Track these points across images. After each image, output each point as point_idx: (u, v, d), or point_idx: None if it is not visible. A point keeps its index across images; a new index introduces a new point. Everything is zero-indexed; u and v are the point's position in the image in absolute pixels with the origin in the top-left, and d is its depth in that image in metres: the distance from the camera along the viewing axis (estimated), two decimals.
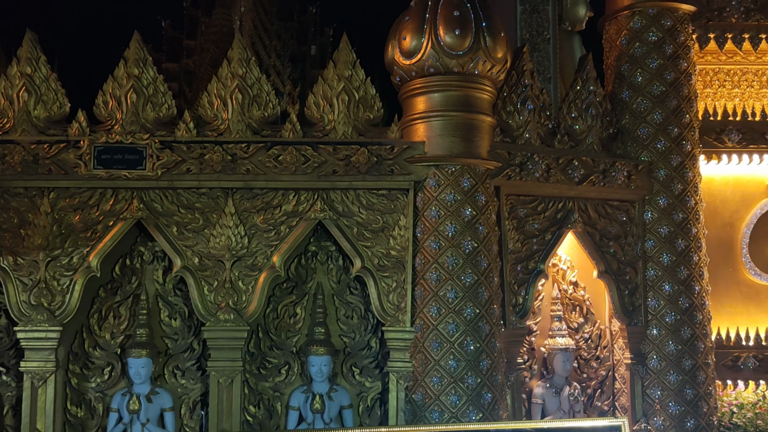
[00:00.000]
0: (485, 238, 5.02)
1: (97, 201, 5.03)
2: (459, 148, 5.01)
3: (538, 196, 5.44)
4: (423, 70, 4.97)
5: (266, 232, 5.06)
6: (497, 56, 4.97)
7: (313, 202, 5.08)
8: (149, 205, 5.03)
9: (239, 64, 5.14)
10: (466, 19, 4.85)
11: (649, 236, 5.70)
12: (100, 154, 4.96)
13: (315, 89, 5.25)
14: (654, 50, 5.76)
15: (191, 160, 4.99)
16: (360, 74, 5.23)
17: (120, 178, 4.98)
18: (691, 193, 5.73)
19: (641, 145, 5.75)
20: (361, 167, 5.05)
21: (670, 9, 5.80)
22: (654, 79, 5.74)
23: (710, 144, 6.10)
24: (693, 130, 5.82)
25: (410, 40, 4.93)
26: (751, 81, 6.36)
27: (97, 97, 5.08)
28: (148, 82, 5.10)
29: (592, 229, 5.59)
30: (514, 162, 5.28)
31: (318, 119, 5.20)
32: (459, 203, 4.98)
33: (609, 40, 6.09)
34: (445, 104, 5.01)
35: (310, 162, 5.04)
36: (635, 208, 5.73)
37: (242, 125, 5.09)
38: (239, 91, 5.10)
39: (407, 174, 5.07)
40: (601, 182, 5.54)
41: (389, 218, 5.10)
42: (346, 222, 5.10)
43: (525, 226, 5.41)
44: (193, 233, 5.05)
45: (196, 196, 5.06)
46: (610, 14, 6.03)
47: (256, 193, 5.08)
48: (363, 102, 5.21)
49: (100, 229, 5.01)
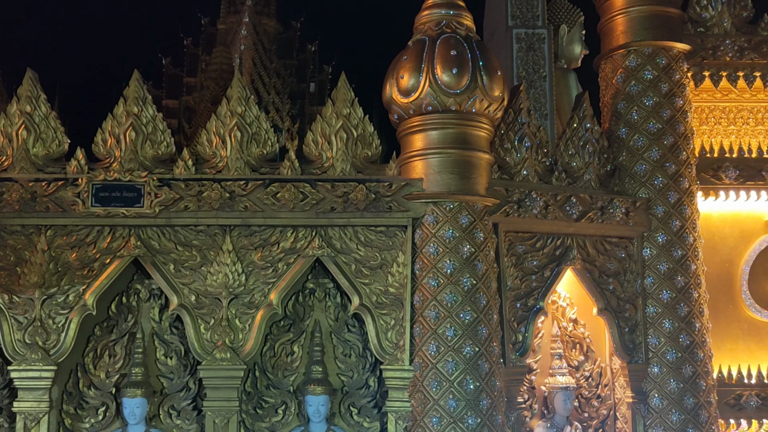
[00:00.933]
0: (484, 275, 5.00)
1: (94, 239, 5.02)
2: (457, 185, 5.01)
3: (537, 233, 5.43)
4: (421, 109, 5.01)
5: (264, 269, 5.04)
6: (494, 95, 5.01)
7: (311, 239, 5.07)
8: (146, 243, 5.02)
9: (238, 103, 5.17)
10: (463, 59, 4.90)
11: (648, 273, 5.68)
12: (98, 191, 4.97)
13: (313, 127, 5.28)
14: (650, 88, 5.81)
15: (189, 197, 4.99)
16: (358, 112, 5.26)
17: (118, 215, 4.97)
18: (690, 229, 5.73)
19: (639, 182, 5.77)
20: (359, 204, 5.05)
21: (664, 48, 5.87)
22: (650, 116, 5.78)
23: (707, 181, 6.11)
24: (690, 167, 5.85)
25: (408, 79, 4.98)
26: (747, 118, 6.40)
27: (96, 135, 5.11)
28: (147, 120, 5.12)
29: (591, 265, 5.57)
30: (512, 199, 5.29)
31: (316, 156, 5.22)
32: (457, 240, 4.96)
33: (605, 78, 6.15)
34: (443, 142, 5.03)
35: (309, 199, 5.04)
36: (634, 244, 5.73)
37: (241, 163, 5.11)
38: (238, 129, 5.13)
39: (405, 211, 5.07)
40: (599, 219, 5.54)
41: (387, 255, 5.09)
42: (344, 259, 5.08)
43: (524, 263, 5.39)
44: (190, 271, 5.02)
45: (193, 233, 5.05)
46: (606, 53, 6.10)
47: (254, 230, 5.07)
48: (361, 139, 5.24)
49: (96, 266, 4.99)
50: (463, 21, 5.14)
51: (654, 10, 5.88)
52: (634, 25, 5.90)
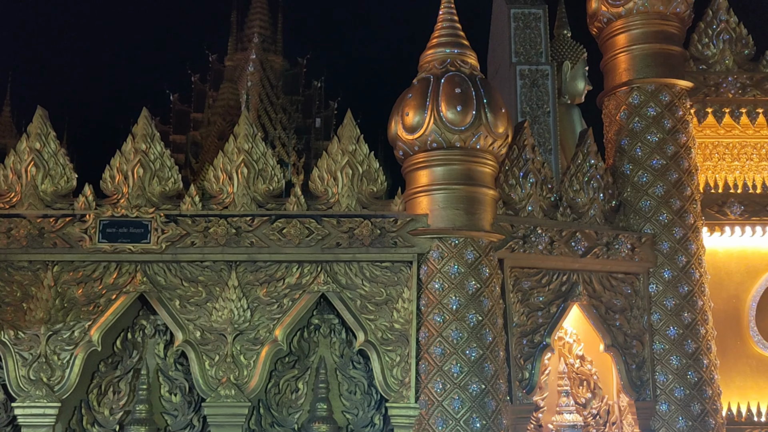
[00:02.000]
0: (490, 311, 4.98)
1: (100, 274, 5.04)
2: (462, 220, 5.03)
3: (542, 268, 5.43)
4: (426, 145, 5.05)
5: (269, 305, 5.04)
6: (498, 131, 5.05)
7: (316, 274, 5.08)
8: (152, 279, 5.03)
9: (245, 140, 5.23)
10: (467, 96, 4.96)
11: (654, 309, 5.65)
12: (105, 227, 5.00)
13: (319, 163, 5.32)
14: (653, 125, 5.85)
15: (196, 233, 5.02)
16: (364, 149, 5.31)
17: (124, 251, 4.99)
18: (696, 265, 5.71)
19: (644, 218, 5.77)
20: (364, 240, 5.07)
21: (667, 85, 5.93)
22: (654, 152, 5.81)
23: (713, 216, 6.11)
24: (695, 203, 5.86)
25: (413, 116, 5.03)
26: (750, 154, 6.42)
27: (104, 171, 5.16)
28: (155, 156, 5.18)
29: (598, 301, 5.55)
30: (517, 234, 5.30)
31: (322, 192, 5.25)
32: (463, 276, 4.96)
33: (608, 114, 6.20)
34: (448, 178, 5.06)
35: (314, 234, 5.06)
36: (640, 280, 5.71)
37: (247, 199, 5.14)
38: (245, 166, 5.18)
39: (411, 246, 5.08)
40: (605, 255, 5.53)
41: (393, 291, 5.08)
42: (350, 294, 5.08)
43: (530, 299, 5.37)
44: (196, 306, 5.02)
45: (199, 269, 5.06)
46: (609, 90, 6.16)
47: (259, 266, 5.08)
48: (366, 175, 5.27)
49: (102, 302, 5.00)
50: (467, 59, 5.21)
51: (656, 48, 5.95)
52: (636, 62, 5.96)
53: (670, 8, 5.90)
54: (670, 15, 5.94)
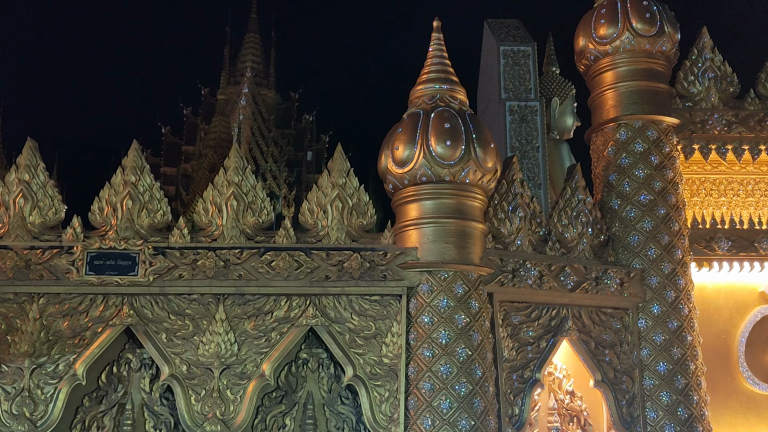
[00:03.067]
0: (479, 345, 4.96)
1: (86, 307, 4.99)
2: (451, 254, 5.03)
3: (532, 303, 5.42)
4: (415, 179, 5.08)
5: (256, 338, 5.00)
6: (487, 166, 5.09)
7: (305, 308, 5.05)
8: (139, 312, 4.99)
9: (235, 172, 5.24)
10: (456, 131, 5.01)
11: (644, 344, 5.64)
12: (92, 259, 4.97)
13: (309, 196, 5.33)
14: (641, 160, 5.91)
15: (184, 265, 4.99)
16: (353, 182, 5.33)
17: (111, 284, 4.96)
18: (685, 300, 5.72)
19: (632, 253, 5.79)
20: (354, 273, 5.05)
21: (654, 121, 6.00)
22: (642, 188, 5.86)
23: (701, 252, 6.14)
24: (683, 238, 5.89)
25: (403, 150, 5.07)
26: (737, 190, 6.48)
27: (93, 203, 5.14)
28: (144, 188, 5.17)
29: (587, 336, 5.53)
30: (506, 269, 5.30)
31: (312, 225, 5.25)
32: (452, 310, 4.95)
33: (596, 150, 6.27)
34: (437, 211, 5.08)
35: (303, 267, 5.04)
36: (629, 315, 5.71)
37: (236, 231, 5.13)
38: (234, 198, 5.18)
39: (400, 280, 5.07)
40: (594, 289, 5.54)
41: (382, 324, 5.06)
42: (338, 328, 5.04)
43: (519, 334, 5.36)
44: (183, 340, 4.97)
45: (186, 302, 5.02)
46: (597, 126, 6.23)
47: (247, 299, 5.05)
48: (356, 208, 5.28)
49: (88, 335, 4.94)
50: (456, 95, 5.28)
51: (643, 85, 6.04)
52: (624, 99, 6.05)
53: (656, 47, 6.01)
54: (657, 53, 6.05)
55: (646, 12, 5.97)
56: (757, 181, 6.49)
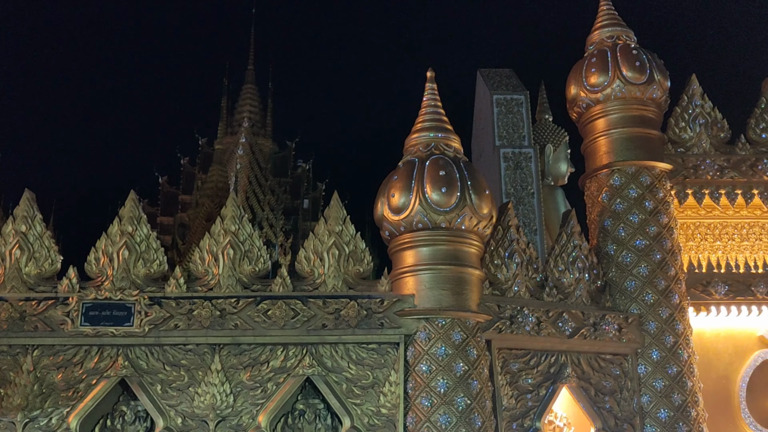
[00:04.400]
0: (478, 394, 4.90)
1: (81, 358, 4.94)
2: (449, 301, 5.02)
3: (530, 349, 5.38)
4: (411, 226, 5.10)
5: (252, 389, 4.94)
6: (483, 212, 5.12)
7: (301, 357, 5.00)
8: (134, 363, 4.94)
9: (232, 221, 5.26)
10: (451, 178, 5.05)
11: (644, 391, 5.58)
12: (88, 310, 4.94)
13: (306, 244, 5.34)
14: (635, 206, 5.94)
15: (179, 315, 4.97)
16: (350, 229, 5.34)
17: (106, 335, 4.92)
18: (684, 345, 5.68)
19: (630, 298, 5.78)
20: (351, 321, 5.03)
21: (647, 167, 6.06)
22: (637, 233, 5.88)
23: (698, 296, 6.12)
24: (680, 283, 5.88)
25: (399, 197, 5.10)
26: (732, 234, 6.51)
27: (89, 253, 5.14)
28: (141, 239, 5.18)
29: (587, 383, 5.48)
30: (504, 315, 5.28)
31: (308, 273, 5.24)
32: (450, 357, 4.91)
33: (591, 196, 6.31)
34: (434, 258, 5.09)
35: (300, 316, 5.02)
36: (629, 361, 5.66)
37: (232, 280, 5.12)
38: (231, 247, 5.18)
39: (397, 327, 5.05)
40: (592, 335, 5.50)
41: (379, 374, 5.01)
42: (335, 378, 4.99)
43: (518, 381, 5.30)
44: (178, 392, 4.91)
45: (182, 352, 4.98)
46: (590, 172, 6.29)
47: (243, 348, 5.00)
48: (353, 256, 5.29)
49: (82, 388, 4.89)
50: (450, 143, 5.34)
51: (635, 131, 6.12)
52: (616, 146, 6.11)
53: (646, 94, 6.11)
54: (647, 100, 6.14)
55: (635, 60, 6.08)
56: (751, 225, 6.52)
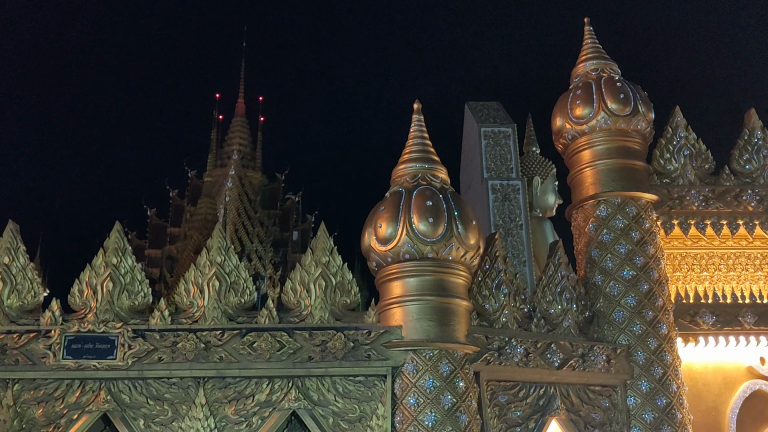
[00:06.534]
0: (467, 427, 4.83)
1: (62, 393, 4.85)
2: (436, 332, 4.98)
3: (519, 381, 5.33)
4: (398, 256, 5.08)
5: (237, 423, 4.85)
6: (470, 242, 5.11)
7: (287, 390, 4.93)
8: (117, 397, 4.85)
9: (218, 252, 5.22)
10: (438, 209, 5.05)
11: (634, 423, 5.52)
12: (70, 343, 4.87)
13: (292, 275, 5.30)
14: (621, 236, 5.96)
15: (164, 348, 4.90)
16: (337, 260, 5.32)
17: (89, 368, 4.84)
18: (673, 377, 5.65)
19: (618, 329, 5.76)
20: (337, 353, 4.97)
21: (633, 198, 6.09)
22: (624, 263, 5.88)
23: (686, 327, 6.11)
24: (667, 313, 5.87)
25: (386, 228, 5.09)
26: (719, 264, 6.52)
27: (73, 285, 5.09)
28: (125, 270, 5.13)
29: (576, 416, 5.42)
30: (492, 346, 5.24)
31: (295, 304, 5.20)
32: (438, 390, 4.85)
33: (577, 227, 6.32)
34: (421, 289, 5.06)
35: (285, 348, 4.96)
36: (618, 393, 5.61)
37: (218, 312, 5.07)
38: (217, 279, 5.14)
39: (385, 359, 4.99)
40: (581, 367, 5.46)
41: (366, 407, 4.94)
42: (322, 412, 4.92)
43: (507, 414, 5.24)
44: (161, 426, 4.82)
45: (166, 386, 4.90)
46: (577, 203, 6.31)
47: (228, 382, 4.93)
48: (340, 287, 5.25)
49: (63, 423, 4.79)
50: (437, 174, 5.35)
51: (620, 163, 6.16)
52: (602, 177, 6.15)
53: (631, 125, 6.17)
54: (632, 132, 6.20)
55: (620, 93, 6.16)
56: (737, 255, 6.54)
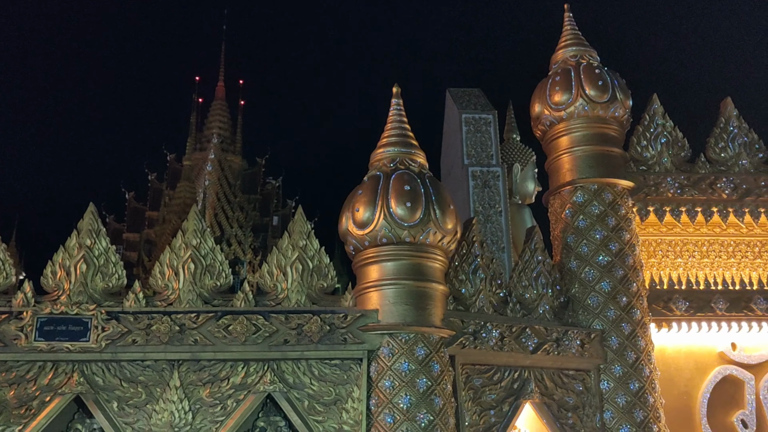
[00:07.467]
0: (441, 410, 4.87)
1: (35, 375, 4.81)
2: (412, 316, 5.00)
3: (494, 365, 5.37)
4: (376, 240, 5.08)
5: (212, 406, 4.84)
6: (447, 227, 5.12)
7: (262, 373, 4.93)
8: (90, 379, 4.82)
9: (194, 235, 5.19)
10: (416, 193, 5.05)
11: (607, 406, 5.59)
12: (42, 325, 4.82)
13: (269, 258, 5.28)
14: (597, 222, 6.00)
15: (138, 330, 4.87)
16: (314, 244, 5.31)
17: (61, 350, 4.80)
18: (645, 361, 5.72)
19: (592, 314, 5.81)
20: (313, 336, 4.97)
21: (609, 184, 6.13)
22: (599, 249, 5.92)
23: (659, 312, 6.18)
24: (641, 299, 5.93)
25: (363, 212, 5.08)
26: (692, 251, 6.59)
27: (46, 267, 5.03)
28: (99, 252, 5.08)
29: (550, 399, 5.47)
30: (467, 330, 5.27)
31: (271, 288, 5.19)
32: (414, 373, 4.87)
33: (554, 212, 6.36)
34: (398, 273, 5.07)
35: (261, 331, 4.95)
36: (591, 377, 5.67)
37: (193, 295, 5.04)
38: (192, 261, 5.11)
39: (361, 343, 5.00)
40: (555, 351, 5.51)
41: (342, 390, 4.95)
42: (297, 395, 4.92)
43: (482, 397, 5.28)
44: (135, 409, 4.80)
45: (140, 368, 4.88)
46: (554, 189, 6.34)
47: (203, 365, 4.91)
48: (317, 271, 5.24)
49: (35, 405, 4.75)
50: (416, 158, 5.35)
51: (597, 149, 6.19)
52: (579, 163, 6.18)
53: (609, 112, 6.20)
54: (610, 119, 6.23)
55: (598, 80, 6.18)
56: (711, 243, 6.61)
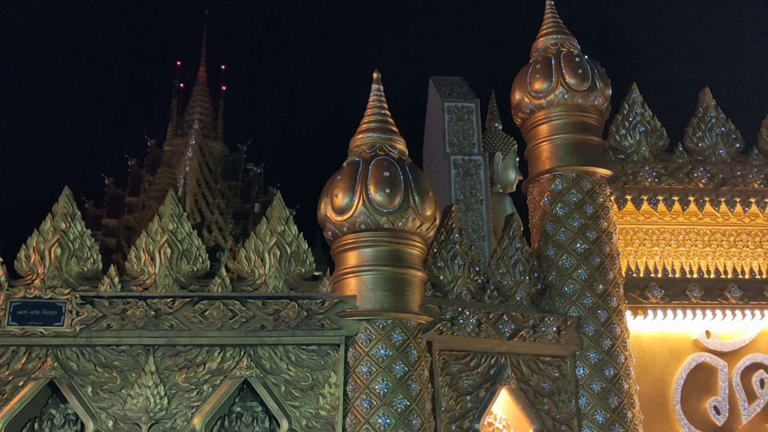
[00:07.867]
0: (418, 395, 4.88)
1: (8, 359, 4.76)
2: (390, 302, 5.00)
3: (471, 351, 5.40)
4: (354, 226, 5.07)
5: (188, 392, 4.83)
6: (426, 214, 5.12)
7: (239, 359, 4.91)
8: (64, 364, 4.78)
9: (170, 219, 5.15)
10: (395, 179, 5.04)
11: (582, 393, 5.64)
12: (16, 309, 4.77)
13: (247, 244, 5.26)
14: (575, 210, 6.03)
15: (113, 315, 4.83)
16: (293, 230, 5.29)
17: (35, 334, 4.75)
18: (621, 348, 5.78)
19: (569, 301, 5.85)
20: (290, 322, 4.96)
21: (588, 173, 6.16)
22: (577, 237, 5.96)
23: (635, 300, 6.24)
24: (618, 287, 5.98)
25: (342, 198, 5.07)
26: (669, 240, 6.66)
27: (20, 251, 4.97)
28: (74, 236, 5.03)
29: (526, 385, 5.52)
30: (445, 317, 5.28)
31: (249, 273, 5.16)
32: (391, 359, 4.88)
33: (533, 200, 6.38)
34: (376, 259, 5.06)
35: (238, 317, 4.93)
36: (567, 363, 5.72)
37: (169, 279, 5.00)
38: (168, 246, 5.07)
39: (338, 329, 5.00)
40: (531, 338, 5.55)
41: (319, 375, 4.95)
42: (274, 380, 4.92)
43: (458, 383, 5.31)
44: (110, 394, 4.77)
45: (115, 353, 4.84)
46: (533, 177, 6.36)
47: (179, 350, 4.89)
48: (295, 256, 5.23)
49: (8, 390, 4.71)
50: (395, 144, 5.33)
51: (576, 138, 6.22)
52: (558, 151, 6.20)
53: (588, 101, 6.22)
54: (589, 107, 6.25)
55: (578, 68, 6.19)
56: (687, 231, 6.68)
